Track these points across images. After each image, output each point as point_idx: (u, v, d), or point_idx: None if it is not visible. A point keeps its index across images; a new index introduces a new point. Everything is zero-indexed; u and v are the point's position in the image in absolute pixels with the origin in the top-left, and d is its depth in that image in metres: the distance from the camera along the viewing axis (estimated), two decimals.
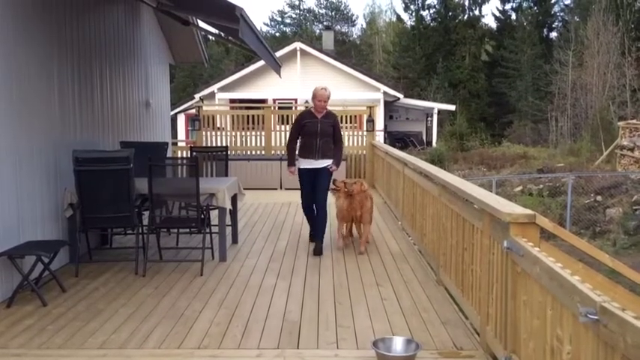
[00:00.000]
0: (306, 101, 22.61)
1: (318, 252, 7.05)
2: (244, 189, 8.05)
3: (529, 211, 3.47)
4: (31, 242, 5.58)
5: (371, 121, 14.11)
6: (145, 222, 6.74)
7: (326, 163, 7.19)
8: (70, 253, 6.52)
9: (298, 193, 7.61)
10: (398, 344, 4.09)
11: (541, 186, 18.15)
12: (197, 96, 28.22)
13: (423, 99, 35.43)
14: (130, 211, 6.26)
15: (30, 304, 5.22)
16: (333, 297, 5.53)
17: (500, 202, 3.81)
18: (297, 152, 7.40)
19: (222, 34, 10.47)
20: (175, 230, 7.72)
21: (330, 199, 7.57)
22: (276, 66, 8.52)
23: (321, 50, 29.91)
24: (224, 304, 5.32)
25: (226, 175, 8.40)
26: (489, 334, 4.06)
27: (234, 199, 7.54)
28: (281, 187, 13.57)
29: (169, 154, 10.14)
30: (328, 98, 7.13)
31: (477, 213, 4.33)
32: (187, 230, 7.69)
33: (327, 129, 7.17)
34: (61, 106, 6.53)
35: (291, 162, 7.44)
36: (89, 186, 6.10)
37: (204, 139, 14.38)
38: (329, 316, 5.00)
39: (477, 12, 48.08)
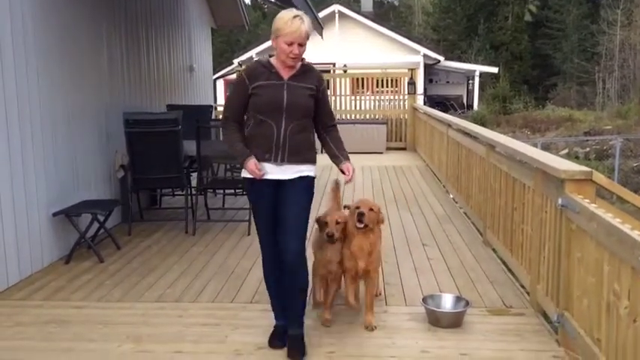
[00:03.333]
0: (345, 65, 22.35)
1: (297, 355, 3.51)
2: None
3: (585, 168, 3.42)
4: (87, 201, 5.78)
5: (412, 83, 13.93)
6: (193, 183, 6.89)
7: (301, 170, 3.53)
8: (122, 212, 6.73)
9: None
10: (447, 301, 4.12)
11: (587, 149, 17.73)
12: (236, 61, 28.20)
13: (464, 62, 34.66)
14: (179, 172, 6.40)
15: (87, 260, 5.44)
16: None
17: (555, 160, 3.76)
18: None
19: None
20: (221, 191, 7.86)
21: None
22: (317, 26, 8.46)
23: (359, 12, 29.42)
24: None
25: None
26: (540, 292, 4.05)
27: None
28: (322, 152, 13.58)
29: (213, 117, 10.26)
30: (306, 38, 3.44)
31: (529, 172, 4.27)
32: (233, 191, 7.85)
33: (301, 102, 3.48)
34: (110, 69, 6.65)
35: (245, 152, 3.50)
36: (139, 147, 6.25)
37: None
38: None
39: None
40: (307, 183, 3.57)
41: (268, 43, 30.80)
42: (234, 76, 19.45)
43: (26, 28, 4.99)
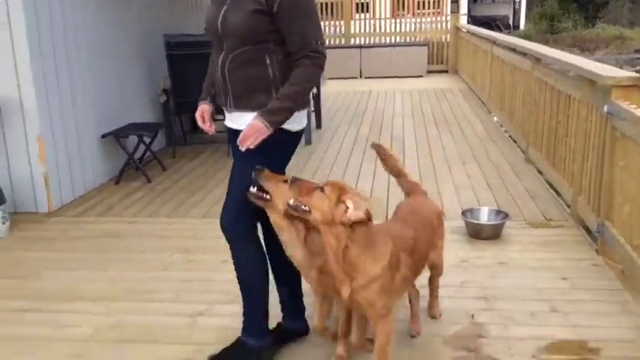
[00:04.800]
0: None
1: None
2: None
3: (633, 74, 3.32)
4: (133, 124, 5.93)
5: (455, 1, 13.45)
6: None
7: (249, 120, 2.41)
8: (166, 136, 6.89)
9: (379, 81, 7.09)
10: (487, 214, 4.16)
11: (638, 67, 16.95)
12: None
13: None
14: None
15: (136, 181, 5.65)
16: (418, 174, 5.61)
17: (602, 67, 3.65)
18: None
19: None
20: None
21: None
22: None
23: None
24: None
25: None
26: (581, 204, 4.04)
27: (317, 84, 7.58)
28: (360, 76, 13.46)
29: None
30: None
31: (575, 82, 4.17)
32: None
33: (238, 22, 2.42)
34: None
35: (201, 95, 2.82)
36: (180, 70, 6.31)
37: None
38: None
39: None
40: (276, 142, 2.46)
41: None
42: None
43: None
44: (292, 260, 2.46)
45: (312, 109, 7.50)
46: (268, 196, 2.37)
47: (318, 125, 7.96)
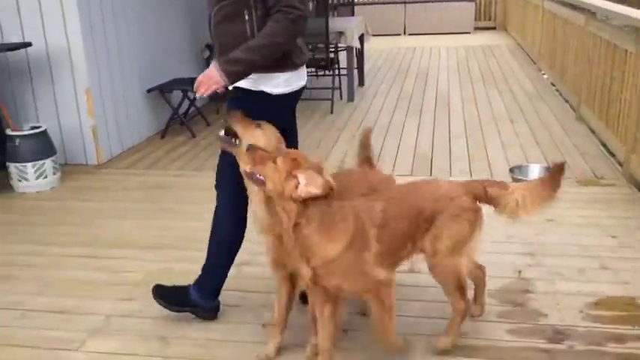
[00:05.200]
0: None
1: None
2: None
3: None
4: (178, 79, 5.97)
5: None
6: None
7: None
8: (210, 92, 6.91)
9: (423, 38, 6.94)
10: (535, 171, 4.07)
11: None
12: None
13: None
14: None
15: (180, 135, 5.72)
16: (464, 132, 5.51)
17: None
18: None
19: None
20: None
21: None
22: None
23: None
24: (356, 138, 5.48)
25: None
26: (634, 162, 3.91)
27: (361, 40, 7.46)
28: (404, 33, 13.18)
29: None
30: None
31: (631, 36, 3.98)
32: (313, 72, 7.84)
33: None
34: None
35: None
36: None
37: None
38: (461, 149, 5.03)
39: None
40: (239, 101, 2.43)
41: None
42: None
43: None
44: (255, 218, 2.30)
45: (356, 65, 7.40)
46: (238, 142, 2.25)
47: (361, 82, 7.87)
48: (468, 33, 12.82)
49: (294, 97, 2.47)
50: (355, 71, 7.44)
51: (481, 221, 2.25)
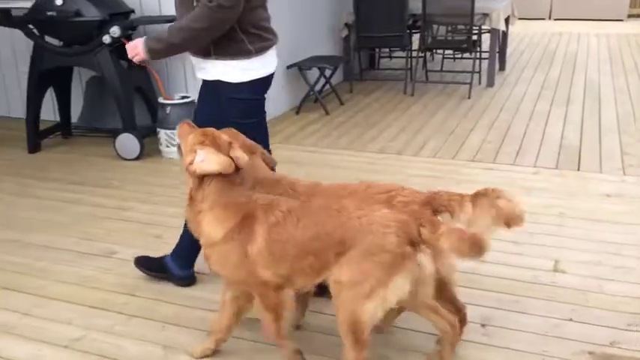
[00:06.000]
0: None
1: None
2: None
3: None
4: (316, 56, 6.03)
5: None
6: (413, 46, 6.78)
7: (204, 68, 2.56)
8: (344, 71, 6.94)
9: (570, 23, 6.53)
10: None
11: None
12: None
13: None
14: (402, 31, 6.32)
15: (314, 112, 5.78)
16: (617, 126, 5.07)
17: None
18: None
19: None
20: (440, 54, 7.65)
21: None
22: None
23: None
24: (494, 126, 5.24)
25: None
26: None
27: (506, 23, 7.08)
28: (550, 17, 12.39)
29: None
30: None
31: None
32: (451, 55, 7.60)
33: None
34: None
35: None
36: (365, 5, 6.24)
37: None
38: (613, 144, 4.63)
39: None
40: (208, 90, 2.57)
41: None
42: None
43: None
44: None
45: (498, 50, 7.05)
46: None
47: (502, 67, 7.50)
48: (621, 20, 11.78)
49: (258, 86, 2.47)
50: (497, 55, 7.10)
51: (406, 268, 1.82)
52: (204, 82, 2.57)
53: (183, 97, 4.59)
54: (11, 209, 3.68)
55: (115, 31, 4.26)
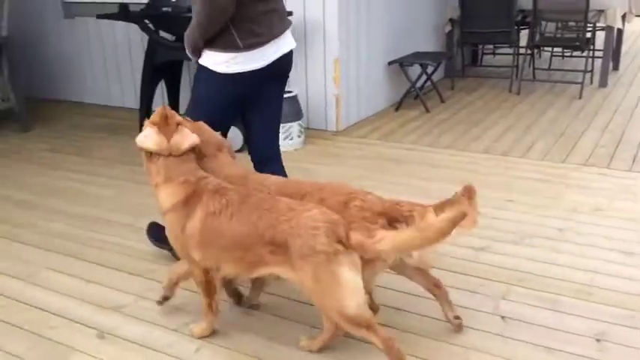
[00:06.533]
0: None
1: None
2: None
3: None
4: (418, 52, 5.94)
5: None
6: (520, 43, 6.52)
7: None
8: (446, 67, 6.78)
9: None
10: None
11: None
12: None
13: None
14: (509, 27, 6.09)
15: (414, 109, 5.69)
16: None
17: None
18: None
19: None
20: (547, 52, 7.31)
21: None
22: None
23: None
24: (608, 129, 4.93)
25: None
26: None
27: (622, 20, 6.63)
28: None
29: None
30: None
31: None
32: (559, 52, 7.24)
33: None
34: None
35: None
36: (471, 1, 6.07)
37: None
38: None
39: None
40: (196, 74, 2.67)
41: None
42: None
43: None
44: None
45: (614, 47, 6.63)
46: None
47: (615, 67, 7.05)
48: None
49: (243, 79, 2.53)
50: (610, 53, 6.68)
51: (345, 262, 1.87)
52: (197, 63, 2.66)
53: (286, 92, 4.64)
54: (124, 195, 3.88)
55: None
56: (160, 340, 2.36)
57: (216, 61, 2.53)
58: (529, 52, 6.55)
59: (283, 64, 2.66)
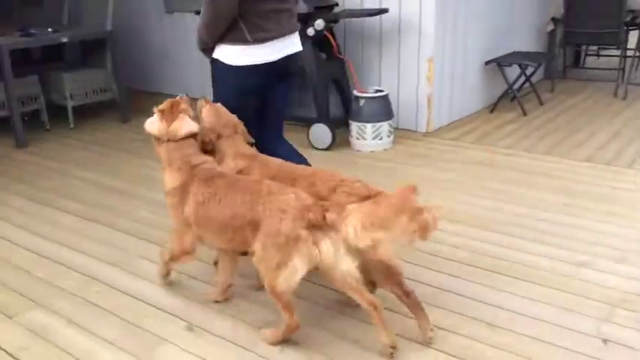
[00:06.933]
0: None
1: None
2: None
3: None
4: (517, 52, 5.68)
5: None
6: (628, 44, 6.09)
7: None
8: (545, 68, 6.45)
9: None
10: None
11: None
12: None
13: None
14: (618, 27, 5.69)
15: (510, 111, 5.45)
16: None
17: None
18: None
19: None
20: None
21: None
22: None
23: None
24: None
25: None
26: None
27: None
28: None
29: None
30: None
31: None
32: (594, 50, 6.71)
33: None
34: None
35: None
36: None
37: None
38: None
39: None
40: (211, 67, 2.83)
41: None
42: None
43: None
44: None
45: None
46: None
47: None
48: None
49: (252, 71, 2.69)
50: None
51: (300, 251, 2.04)
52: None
53: (377, 91, 4.58)
54: None
55: (320, 24, 4.38)
56: (246, 337, 2.38)
57: (227, 53, 2.70)
58: (637, 54, 6.11)
59: (290, 64, 2.83)
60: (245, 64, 2.69)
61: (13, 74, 4.76)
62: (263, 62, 2.70)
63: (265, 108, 2.92)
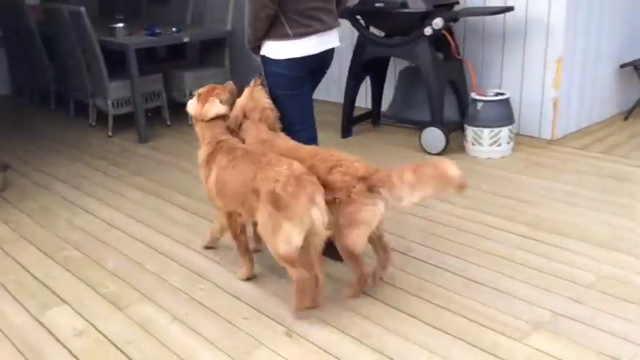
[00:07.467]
0: None
1: None
2: None
3: None
4: None
5: None
6: None
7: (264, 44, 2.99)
8: None
9: None
10: None
11: None
12: None
13: None
14: None
15: None
16: None
17: None
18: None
19: None
20: None
21: None
22: None
23: None
24: None
25: None
26: None
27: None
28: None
29: None
30: None
31: None
32: None
33: None
34: None
35: None
36: None
37: None
38: None
39: None
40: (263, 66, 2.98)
41: None
42: None
43: None
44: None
45: None
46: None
47: None
48: None
49: (294, 64, 2.84)
50: None
51: (292, 217, 2.28)
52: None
53: (497, 94, 4.31)
54: None
55: (438, 22, 4.20)
56: (344, 348, 2.28)
57: (271, 48, 2.87)
58: None
59: (327, 58, 3.01)
60: (287, 57, 2.85)
61: (139, 72, 5.00)
62: (302, 56, 2.86)
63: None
